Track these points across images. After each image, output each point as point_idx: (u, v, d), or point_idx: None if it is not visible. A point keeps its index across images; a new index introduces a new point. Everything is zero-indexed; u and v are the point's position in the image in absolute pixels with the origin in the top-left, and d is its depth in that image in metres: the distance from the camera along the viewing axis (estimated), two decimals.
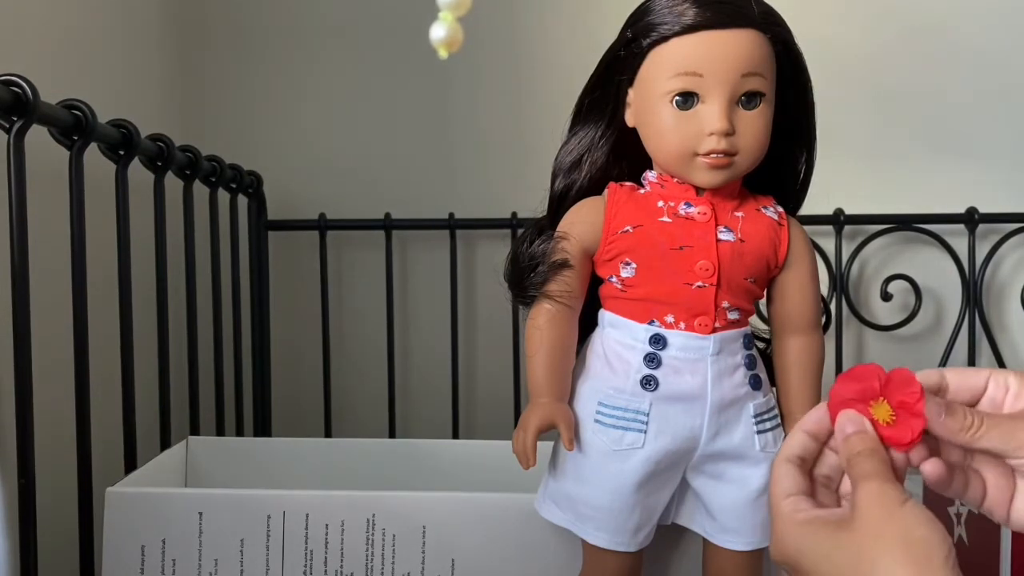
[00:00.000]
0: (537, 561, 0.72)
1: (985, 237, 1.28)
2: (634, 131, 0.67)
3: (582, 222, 0.66)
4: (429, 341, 1.34)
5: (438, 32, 0.54)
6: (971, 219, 1.26)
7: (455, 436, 1.29)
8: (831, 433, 0.50)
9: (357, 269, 1.34)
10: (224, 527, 0.72)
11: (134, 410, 0.84)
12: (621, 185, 0.68)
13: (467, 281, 1.34)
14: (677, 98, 0.62)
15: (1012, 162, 1.30)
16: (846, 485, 0.50)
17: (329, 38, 1.32)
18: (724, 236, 0.64)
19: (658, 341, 0.64)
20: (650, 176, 0.67)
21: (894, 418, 0.48)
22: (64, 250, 0.76)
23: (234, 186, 1.15)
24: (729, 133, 0.62)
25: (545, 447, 0.67)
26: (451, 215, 1.28)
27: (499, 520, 0.72)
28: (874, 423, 0.48)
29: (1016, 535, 0.80)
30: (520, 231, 1.26)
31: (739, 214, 0.66)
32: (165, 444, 0.92)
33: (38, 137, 0.72)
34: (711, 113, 0.62)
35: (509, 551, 0.72)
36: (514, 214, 1.26)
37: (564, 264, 0.65)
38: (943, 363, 1.27)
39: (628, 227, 0.65)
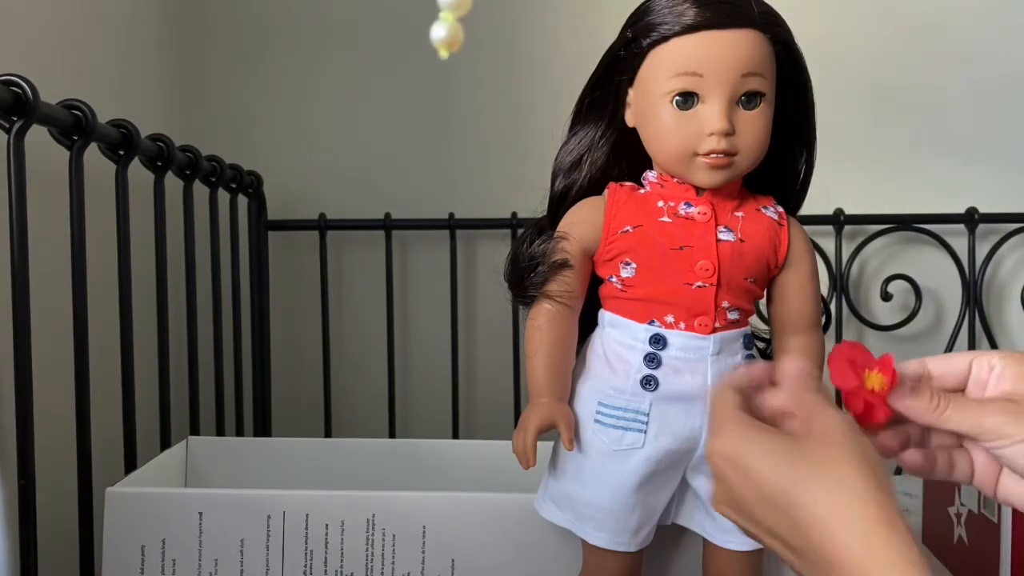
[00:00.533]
0: (537, 561, 0.72)
1: (985, 237, 1.28)
2: (634, 131, 0.67)
3: (582, 222, 0.66)
4: (429, 341, 1.34)
5: (438, 32, 0.54)
6: (971, 219, 1.26)
7: (455, 436, 1.29)
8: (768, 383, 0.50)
9: (357, 269, 1.34)
10: (224, 527, 0.72)
11: (134, 410, 0.84)
12: (621, 185, 0.67)
13: (467, 281, 1.34)
14: (677, 98, 0.62)
15: (1012, 162, 1.30)
16: None
17: (329, 38, 1.32)
18: (724, 236, 0.64)
19: (658, 341, 0.64)
20: (650, 176, 0.67)
21: (883, 391, 0.48)
22: (64, 250, 0.76)
23: (234, 186, 1.15)
24: (729, 133, 0.62)
25: (545, 447, 0.67)
26: (451, 215, 1.28)
27: (499, 520, 0.72)
28: (861, 390, 0.49)
29: (1016, 537, 0.80)
30: (520, 231, 1.26)
31: (739, 214, 0.65)
32: (165, 444, 0.92)
33: (38, 137, 0.72)
34: (711, 113, 0.62)
35: (509, 551, 0.72)
36: (514, 214, 1.26)
37: (564, 264, 0.65)
38: None
39: (628, 227, 0.65)
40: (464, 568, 0.72)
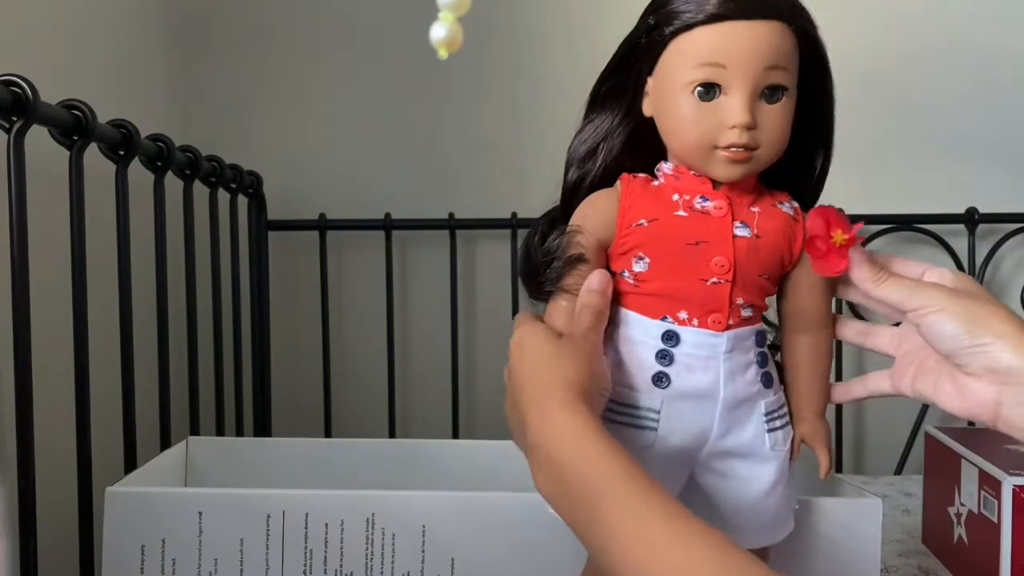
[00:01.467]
0: (537, 560, 0.72)
1: (985, 237, 1.28)
2: (650, 122, 0.65)
3: (595, 215, 0.64)
4: (429, 341, 1.34)
5: (438, 32, 0.54)
6: (971, 219, 1.26)
7: (455, 436, 1.29)
8: None
9: (357, 269, 1.34)
10: (224, 527, 0.72)
11: (134, 410, 0.84)
12: (634, 176, 0.66)
13: (467, 281, 1.34)
14: (699, 89, 0.60)
15: (1012, 162, 1.30)
16: None
17: (329, 38, 1.32)
18: (740, 232, 0.63)
19: (671, 338, 0.63)
20: (665, 168, 0.65)
21: (841, 246, 0.61)
22: (64, 250, 0.76)
23: (234, 186, 1.15)
24: (751, 127, 0.60)
25: None
26: (451, 215, 1.28)
27: (499, 520, 0.72)
28: (830, 239, 0.62)
29: (1016, 537, 0.80)
30: (520, 231, 1.26)
31: (755, 209, 0.64)
32: (165, 444, 0.92)
33: (38, 137, 0.72)
34: (733, 106, 0.60)
35: (509, 550, 0.72)
36: (514, 214, 1.26)
37: (580, 259, 0.63)
38: None
39: (643, 220, 0.63)
40: (464, 567, 0.72)
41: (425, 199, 1.32)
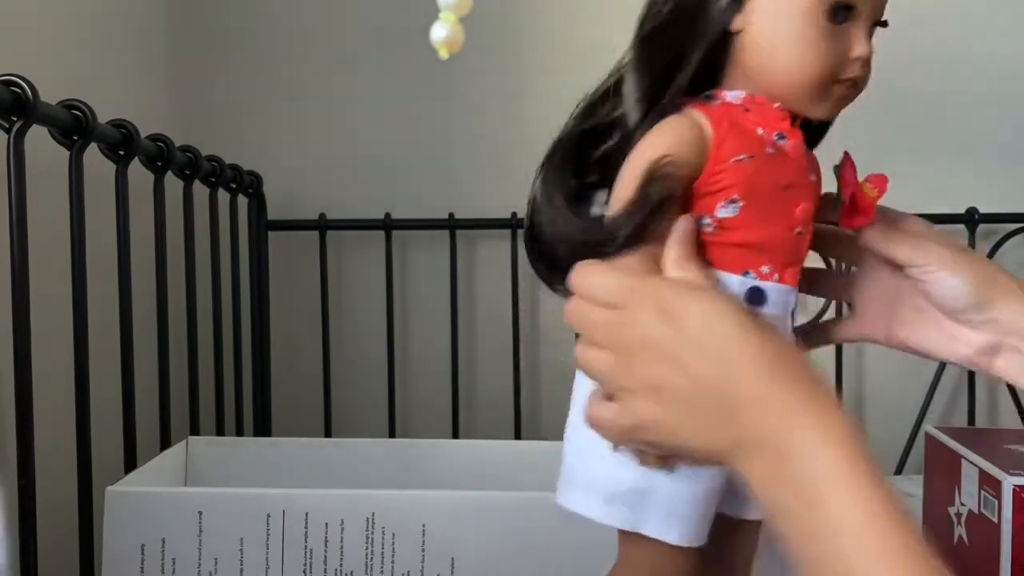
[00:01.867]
0: (537, 560, 0.72)
1: (985, 237, 1.28)
2: (721, 42, 0.53)
3: (686, 143, 0.52)
4: (429, 341, 1.34)
5: (439, 32, 0.54)
6: (971, 219, 1.26)
7: (455, 436, 1.29)
8: None
9: (357, 269, 1.34)
10: (224, 526, 0.72)
11: (134, 410, 0.84)
12: (701, 103, 0.54)
13: (467, 281, 1.34)
14: (833, 9, 0.51)
15: (1012, 162, 1.30)
16: None
17: (329, 38, 1.32)
18: (811, 176, 0.57)
19: (757, 295, 0.54)
20: (729, 96, 0.54)
21: (873, 198, 0.61)
22: (64, 250, 0.76)
23: (234, 186, 1.15)
24: (868, 60, 0.53)
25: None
26: (451, 215, 1.28)
27: (499, 519, 0.72)
28: (860, 190, 0.60)
29: (1016, 537, 0.80)
30: (520, 231, 1.26)
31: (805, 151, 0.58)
32: (165, 444, 0.92)
33: (38, 137, 0.72)
34: (860, 34, 0.53)
35: (509, 550, 0.72)
36: (514, 214, 1.26)
37: (670, 198, 0.51)
38: (943, 366, 1.27)
39: (743, 156, 0.52)
40: (464, 567, 0.72)
41: (425, 199, 1.32)
